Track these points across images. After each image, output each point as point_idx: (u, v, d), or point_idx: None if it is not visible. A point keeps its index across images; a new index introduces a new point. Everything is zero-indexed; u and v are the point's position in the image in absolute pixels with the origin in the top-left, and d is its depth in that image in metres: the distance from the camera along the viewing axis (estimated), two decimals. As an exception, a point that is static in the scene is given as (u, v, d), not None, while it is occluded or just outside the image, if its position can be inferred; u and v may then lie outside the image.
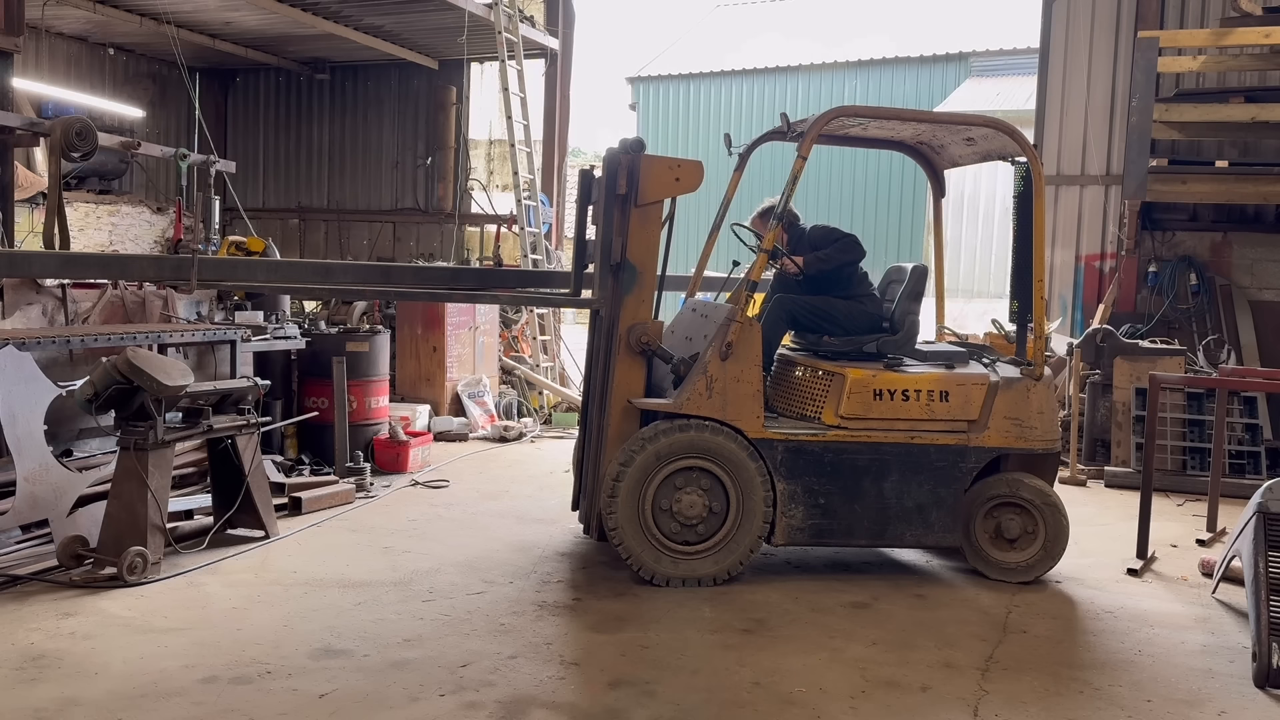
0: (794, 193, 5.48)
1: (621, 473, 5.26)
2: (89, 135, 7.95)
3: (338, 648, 4.34)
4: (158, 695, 3.82)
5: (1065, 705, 4.03)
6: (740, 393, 5.33)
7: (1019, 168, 5.91)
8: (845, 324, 5.92)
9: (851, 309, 5.96)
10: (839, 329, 5.92)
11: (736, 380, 5.33)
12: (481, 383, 10.08)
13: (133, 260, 8.02)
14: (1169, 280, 9.94)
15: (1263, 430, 8.37)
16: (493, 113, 14.68)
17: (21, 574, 5.09)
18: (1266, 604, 4.35)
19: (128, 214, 12.29)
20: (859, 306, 5.99)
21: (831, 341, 5.95)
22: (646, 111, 22.03)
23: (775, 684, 4.12)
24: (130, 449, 5.16)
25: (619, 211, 5.46)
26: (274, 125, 16.12)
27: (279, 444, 7.61)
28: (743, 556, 5.37)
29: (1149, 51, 8.85)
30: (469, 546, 5.93)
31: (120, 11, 12.42)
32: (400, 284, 6.86)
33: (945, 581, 5.64)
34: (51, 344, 6.01)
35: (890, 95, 19.46)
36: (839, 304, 5.96)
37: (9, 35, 8.54)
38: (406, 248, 14.91)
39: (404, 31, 13.25)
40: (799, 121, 5.77)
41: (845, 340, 5.95)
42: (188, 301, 7.57)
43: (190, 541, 5.67)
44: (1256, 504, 4.66)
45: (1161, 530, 6.46)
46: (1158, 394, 6.29)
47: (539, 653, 4.37)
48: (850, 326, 5.92)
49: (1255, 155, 9.41)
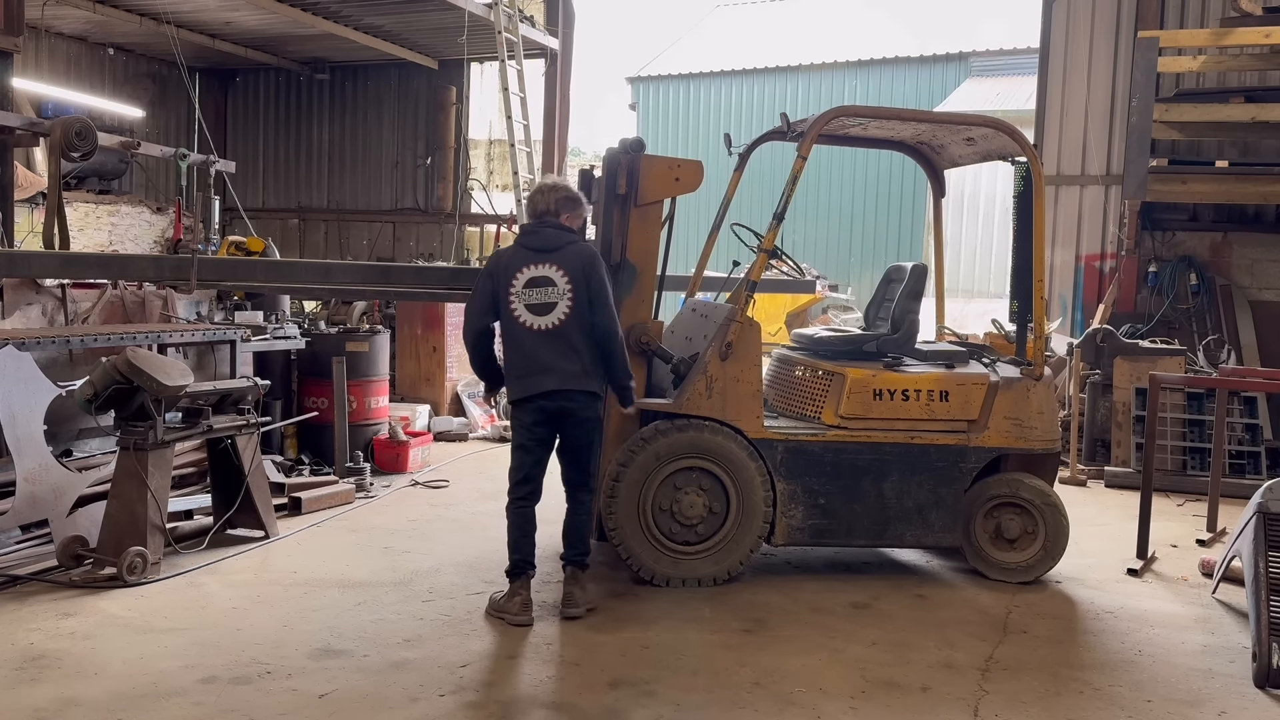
0: (794, 193, 5.48)
1: (621, 473, 5.26)
2: (89, 135, 7.96)
3: (338, 648, 4.34)
4: (158, 695, 3.82)
5: (1065, 705, 4.03)
6: (740, 393, 5.33)
7: (1019, 168, 5.91)
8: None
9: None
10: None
11: (736, 380, 5.32)
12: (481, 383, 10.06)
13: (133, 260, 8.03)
14: (1169, 280, 9.94)
15: (1263, 430, 8.37)
16: (493, 113, 14.69)
17: (21, 574, 5.09)
18: (1266, 604, 4.35)
19: (127, 214, 12.30)
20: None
21: (833, 341, 5.95)
22: (646, 111, 22.04)
23: (775, 684, 4.12)
24: (130, 449, 5.16)
25: (619, 211, 5.46)
26: (274, 125, 16.12)
27: (279, 444, 7.61)
28: (743, 556, 5.37)
29: (1149, 51, 8.85)
30: (469, 546, 5.92)
31: (120, 11, 12.43)
32: (400, 284, 6.87)
33: (945, 581, 5.64)
34: (51, 344, 6.01)
35: (890, 95, 19.47)
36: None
37: (9, 35, 8.54)
38: (406, 248, 14.91)
39: (404, 31, 13.26)
40: (799, 121, 5.77)
41: (845, 340, 5.94)
42: (188, 301, 7.57)
43: (190, 541, 5.67)
44: (1256, 504, 4.66)
45: (1161, 530, 6.46)
46: (1158, 394, 6.29)
47: (539, 653, 4.37)
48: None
49: (1255, 155, 9.41)
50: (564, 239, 4.78)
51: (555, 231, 4.80)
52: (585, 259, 4.73)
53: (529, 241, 4.82)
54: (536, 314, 4.69)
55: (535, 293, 4.69)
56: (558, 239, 4.77)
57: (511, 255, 4.83)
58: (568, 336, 4.68)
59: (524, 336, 4.71)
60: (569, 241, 4.78)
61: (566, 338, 4.68)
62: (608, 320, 4.72)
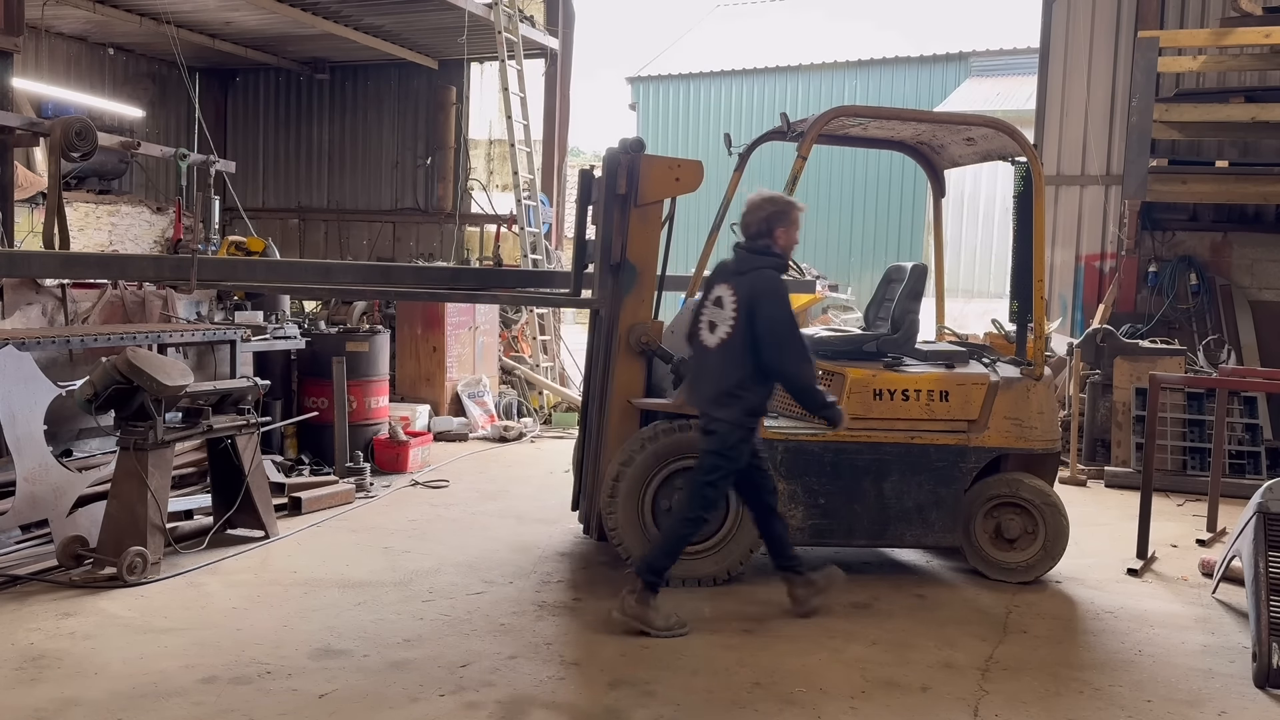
0: (794, 193, 5.47)
1: (621, 473, 5.25)
2: (89, 135, 7.95)
3: (337, 648, 4.34)
4: (158, 695, 3.82)
5: (1065, 705, 4.03)
6: (740, 393, 5.32)
7: (1019, 168, 5.91)
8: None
9: None
10: None
11: (736, 380, 5.31)
12: (481, 383, 10.07)
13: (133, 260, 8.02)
14: (1169, 280, 9.94)
15: (1263, 430, 8.37)
16: (493, 113, 14.67)
17: (21, 574, 5.09)
18: (1266, 604, 4.35)
19: (128, 214, 12.29)
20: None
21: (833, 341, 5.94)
22: (646, 111, 22.03)
23: (775, 684, 4.12)
24: (130, 449, 5.16)
25: (619, 211, 5.46)
26: (274, 125, 16.11)
27: (279, 444, 7.61)
28: (743, 556, 5.37)
29: (1149, 51, 8.85)
30: (469, 546, 5.92)
31: (120, 11, 12.41)
32: (400, 284, 6.85)
33: (945, 581, 5.64)
34: (51, 344, 6.01)
35: (890, 95, 19.45)
36: None
37: (9, 35, 8.53)
38: (406, 248, 14.90)
39: (404, 31, 13.24)
40: (799, 121, 5.77)
41: (845, 340, 5.94)
42: (188, 301, 7.57)
43: (190, 541, 5.67)
44: (1256, 504, 4.66)
45: (1161, 530, 6.46)
46: (1158, 394, 6.29)
47: (539, 653, 4.37)
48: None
49: (1255, 155, 9.41)
50: (750, 264, 4.71)
51: (746, 255, 4.76)
52: (755, 291, 4.62)
53: (728, 262, 4.87)
54: (709, 332, 4.79)
55: (713, 311, 4.78)
56: (745, 263, 4.73)
57: (717, 270, 4.94)
58: (718, 361, 4.72)
59: (697, 351, 4.89)
60: (754, 268, 4.69)
61: (717, 362, 4.73)
62: (771, 359, 4.58)
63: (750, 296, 4.60)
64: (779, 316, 4.59)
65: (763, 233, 4.73)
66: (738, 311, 4.62)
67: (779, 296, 4.64)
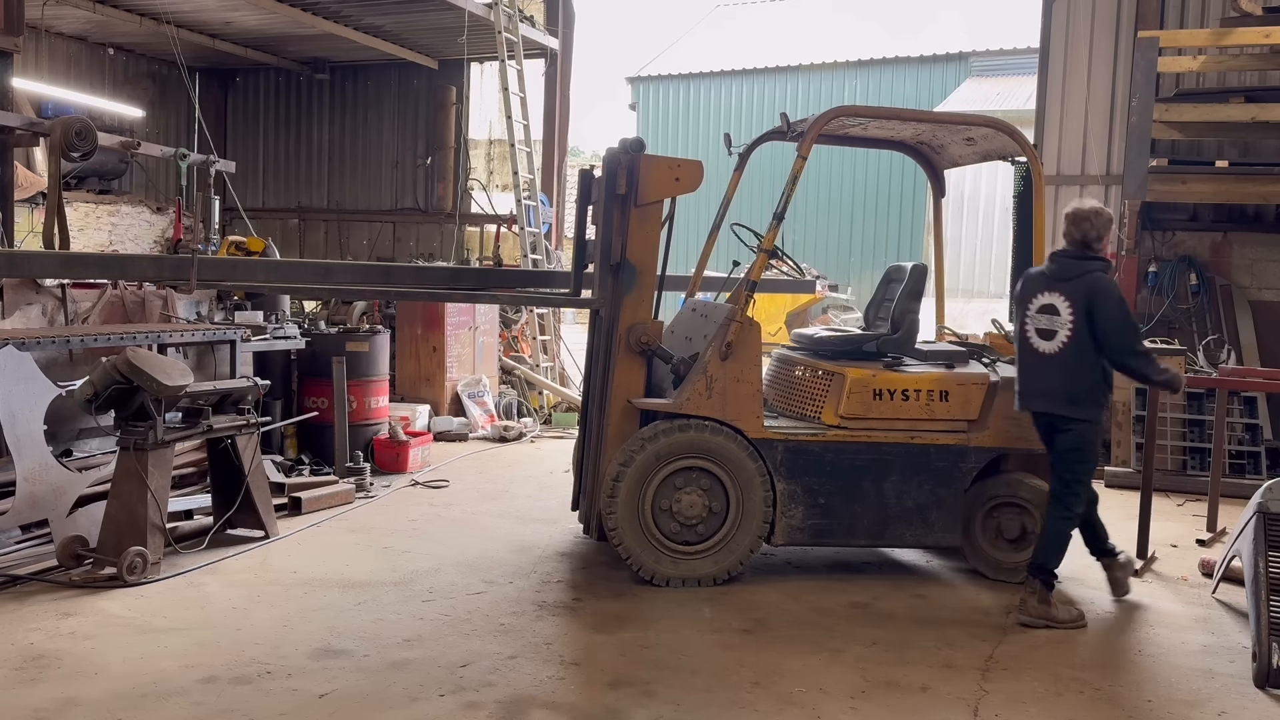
0: (794, 192, 5.48)
1: (621, 473, 5.26)
2: (89, 135, 7.95)
3: (337, 648, 4.34)
4: (158, 695, 3.82)
5: (1065, 705, 4.03)
6: (740, 392, 5.33)
7: (1019, 168, 5.92)
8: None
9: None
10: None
11: (736, 380, 5.32)
12: (481, 383, 10.07)
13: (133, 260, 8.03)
14: (1169, 280, 9.93)
15: (1263, 430, 8.37)
16: (493, 113, 14.67)
17: (21, 574, 5.09)
18: (1266, 604, 4.35)
19: (127, 214, 12.29)
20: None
21: (833, 341, 5.95)
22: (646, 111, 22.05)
23: (775, 684, 4.12)
24: (130, 449, 5.16)
25: (619, 211, 5.46)
26: (274, 125, 16.11)
27: (279, 444, 7.61)
28: (743, 556, 5.37)
29: (1149, 51, 8.84)
30: (469, 546, 5.93)
31: (120, 11, 12.41)
32: (400, 284, 6.86)
33: (945, 581, 5.64)
34: (51, 344, 6.01)
35: (890, 95, 19.48)
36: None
37: (9, 35, 8.53)
38: (406, 248, 14.90)
39: (404, 31, 13.24)
40: (799, 121, 5.77)
41: (845, 340, 5.94)
42: (188, 301, 7.57)
43: (190, 541, 5.67)
44: (1256, 504, 4.66)
45: (1161, 530, 6.46)
46: (1158, 394, 6.28)
47: (539, 653, 4.37)
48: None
49: (1255, 155, 9.39)
50: (1077, 270, 4.99)
51: (1070, 261, 5.03)
52: (1091, 292, 4.91)
53: (1049, 269, 5.13)
54: (1042, 338, 5.02)
55: (1043, 319, 5.02)
56: (1071, 269, 5.01)
57: (1033, 280, 5.17)
58: (1062, 364, 4.96)
59: (1030, 357, 5.10)
60: (1083, 272, 4.97)
61: (1060, 365, 4.96)
62: (1115, 353, 4.92)
63: (1088, 299, 4.89)
64: (1118, 314, 4.91)
65: (1090, 240, 5.03)
66: (1075, 315, 4.91)
67: (1115, 295, 4.95)
